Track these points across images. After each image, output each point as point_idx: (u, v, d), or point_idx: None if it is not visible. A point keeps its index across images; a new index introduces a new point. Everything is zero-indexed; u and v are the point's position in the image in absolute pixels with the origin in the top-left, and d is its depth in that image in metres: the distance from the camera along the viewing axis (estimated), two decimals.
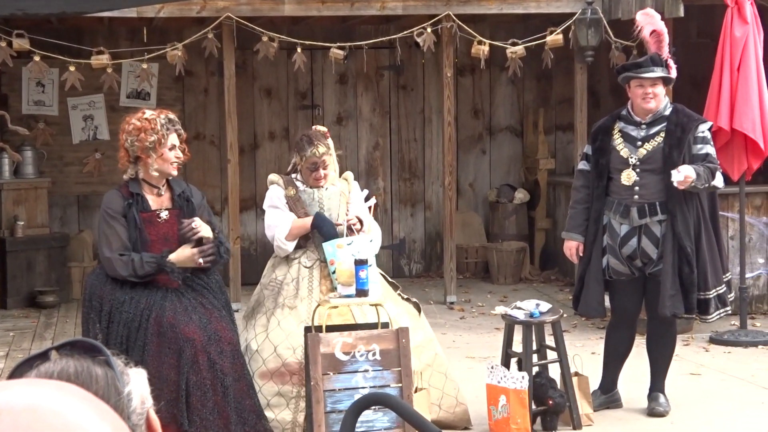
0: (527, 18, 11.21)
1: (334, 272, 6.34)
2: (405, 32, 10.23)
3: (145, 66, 10.03)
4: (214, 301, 5.89)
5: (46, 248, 10.82)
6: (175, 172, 5.89)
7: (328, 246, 6.36)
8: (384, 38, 10.75)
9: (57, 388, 1.11)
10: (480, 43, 10.15)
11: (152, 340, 5.63)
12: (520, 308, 6.73)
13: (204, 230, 5.81)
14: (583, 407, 6.70)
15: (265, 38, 9.84)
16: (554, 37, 10.17)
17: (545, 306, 6.77)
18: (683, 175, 6.44)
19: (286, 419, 6.26)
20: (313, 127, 6.81)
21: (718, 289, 6.77)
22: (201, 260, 5.71)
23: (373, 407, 5.42)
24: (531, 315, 6.65)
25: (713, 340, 8.91)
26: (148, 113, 5.88)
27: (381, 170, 12.23)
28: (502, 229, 12.10)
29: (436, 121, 12.06)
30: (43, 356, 1.24)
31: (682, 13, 9.22)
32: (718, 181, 6.69)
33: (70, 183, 11.59)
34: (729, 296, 6.91)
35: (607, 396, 7.06)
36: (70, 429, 1.07)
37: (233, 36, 9.94)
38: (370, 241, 6.38)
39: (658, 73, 6.74)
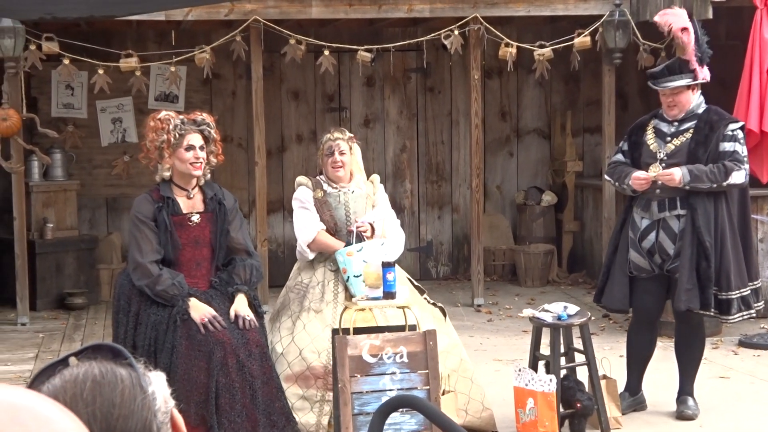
0: (555, 20, 11.19)
1: (347, 279, 6.35)
2: (432, 34, 10.23)
3: (173, 69, 10.07)
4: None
5: (75, 250, 10.87)
6: (197, 173, 5.85)
7: (339, 255, 6.38)
8: (411, 41, 10.75)
9: (28, 391, 1.12)
10: (507, 45, 10.13)
11: (181, 343, 5.64)
12: (547, 311, 6.72)
13: (241, 307, 5.79)
14: (611, 410, 6.68)
15: (292, 41, 9.86)
16: (582, 39, 10.14)
17: (573, 308, 6.75)
18: (669, 174, 6.56)
19: (310, 422, 6.27)
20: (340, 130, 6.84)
21: (742, 290, 6.71)
22: (208, 325, 5.68)
23: (401, 409, 5.42)
24: (559, 318, 6.63)
25: (742, 343, 8.86)
26: (163, 113, 5.90)
27: (408, 173, 12.23)
28: (529, 232, 12.07)
29: (464, 124, 12.05)
30: (64, 362, 1.25)
31: (710, 15, 9.18)
32: (736, 179, 6.63)
33: (99, 185, 11.64)
34: (757, 303, 6.85)
35: (634, 398, 7.04)
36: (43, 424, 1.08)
37: (261, 39, 9.96)
38: (381, 244, 6.36)
39: (677, 82, 6.74)
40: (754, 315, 6.95)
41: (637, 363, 7.02)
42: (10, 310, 10.33)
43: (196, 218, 5.86)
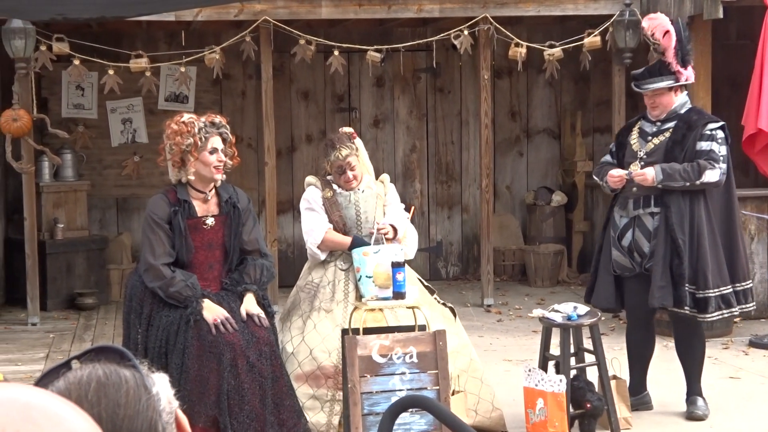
0: (565, 20, 11.18)
1: (359, 279, 6.35)
2: (442, 35, 10.23)
3: (183, 69, 10.08)
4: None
5: (86, 250, 10.89)
6: (218, 176, 5.83)
7: (355, 254, 6.39)
8: (421, 41, 10.75)
9: (41, 390, 1.13)
10: (517, 45, 10.12)
11: (192, 344, 5.64)
12: (557, 311, 6.71)
13: (250, 305, 5.80)
14: (621, 411, 6.67)
15: (302, 41, 9.86)
16: (592, 39, 10.13)
17: (583, 309, 6.74)
18: (642, 173, 6.66)
19: (320, 422, 6.27)
20: (340, 129, 6.82)
21: (722, 289, 6.71)
22: (221, 326, 5.68)
23: (411, 410, 5.42)
24: (569, 318, 6.63)
25: (753, 344, 8.84)
26: (186, 116, 5.86)
27: (418, 173, 12.23)
28: (539, 232, 12.06)
29: (473, 124, 12.04)
30: (67, 365, 1.26)
31: (721, 15, 9.16)
32: (709, 177, 6.65)
33: (109, 186, 11.66)
34: (747, 304, 6.84)
35: (636, 398, 7.03)
36: (54, 421, 1.09)
37: (270, 39, 9.97)
38: (400, 249, 6.34)
39: (656, 84, 6.83)
40: (737, 314, 6.90)
41: (637, 362, 7.05)
42: (20, 310, 10.36)
43: (210, 221, 5.85)
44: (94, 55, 9.85)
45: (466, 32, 10.05)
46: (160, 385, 1.26)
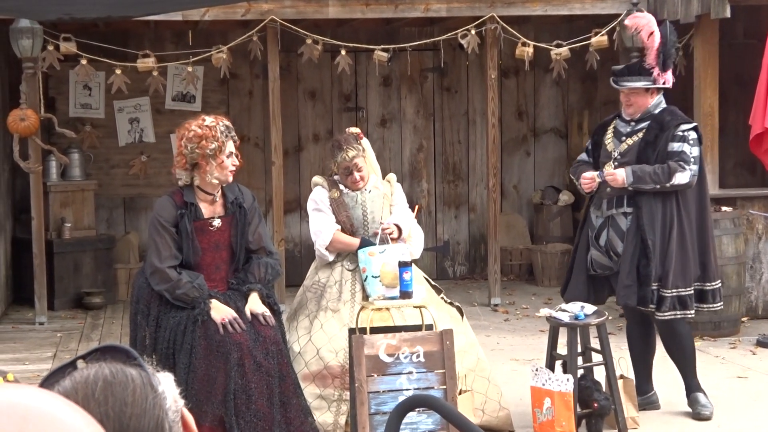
0: (572, 19, 11.17)
1: (365, 279, 6.35)
2: (449, 34, 10.23)
3: (190, 69, 10.09)
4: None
5: (93, 250, 10.90)
6: (231, 179, 5.86)
7: (361, 254, 6.39)
8: (428, 40, 10.74)
9: (41, 391, 1.13)
10: (524, 44, 10.12)
11: (200, 343, 5.64)
12: (564, 310, 6.71)
13: (255, 305, 5.80)
14: (629, 410, 6.67)
15: (309, 41, 9.87)
16: (599, 39, 10.13)
17: (590, 308, 6.74)
18: (612, 174, 6.72)
19: (327, 422, 6.27)
20: (347, 130, 6.81)
21: (680, 290, 6.70)
22: (229, 326, 5.68)
23: (418, 409, 5.42)
24: (576, 317, 6.62)
25: (760, 343, 8.83)
26: (208, 120, 5.82)
27: (425, 172, 12.23)
28: (546, 231, 12.06)
29: (480, 123, 12.04)
30: (73, 365, 1.26)
31: (728, 14, 9.15)
32: (680, 179, 6.67)
33: (117, 185, 11.68)
34: (715, 303, 6.83)
35: (643, 397, 7.01)
36: (58, 425, 1.09)
37: (277, 39, 9.97)
38: (406, 249, 6.33)
39: (633, 83, 6.86)
40: (691, 315, 6.81)
41: (639, 362, 7.05)
42: (28, 309, 10.37)
43: (217, 223, 5.84)
44: (101, 55, 9.86)
45: (473, 32, 10.04)
46: (166, 384, 1.26)
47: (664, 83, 6.87)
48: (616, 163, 6.85)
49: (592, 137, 7.21)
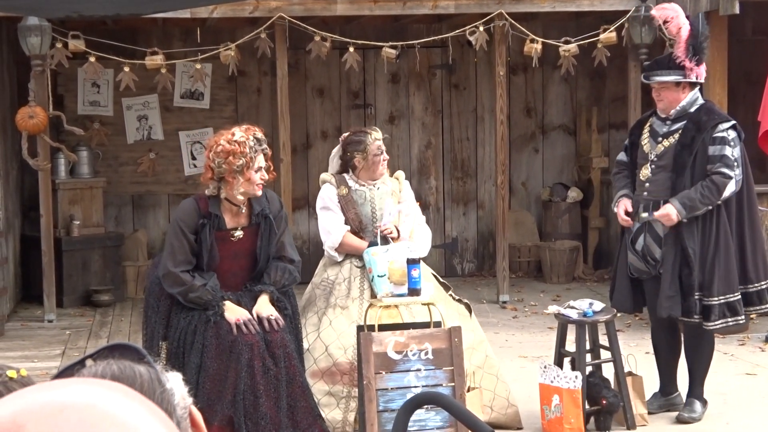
0: (580, 16, 11.15)
1: (372, 279, 6.36)
2: (457, 31, 10.21)
3: (198, 66, 10.10)
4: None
5: (102, 247, 10.92)
6: (259, 193, 5.74)
7: (365, 254, 6.40)
8: (436, 37, 10.73)
9: (109, 388, 1.13)
10: (533, 41, 10.10)
11: (211, 343, 5.63)
12: (573, 307, 6.70)
13: (262, 307, 5.77)
14: (637, 407, 6.66)
15: (317, 38, 9.86)
16: (607, 35, 10.11)
17: (599, 305, 6.73)
18: (665, 216, 6.46)
19: (336, 419, 6.27)
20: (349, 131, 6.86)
21: (728, 296, 6.51)
22: (243, 326, 5.66)
23: (426, 406, 5.42)
24: (584, 314, 6.62)
25: None
26: (238, 135, 5.67)
27: (433, 169, 12.22)
28: (555, 228, 12.05)
29: (489, 120, 12.03)
30: (81, 363, 1.26)
31: (737, 10, 9.13)
32: (729, 190, 6.47)
33: (125, 183, 11.69)
34: (763, 305, 6.63)
35: (667, 399, 6.95)
36: (126, 424, 1.09)
37: (286, 36, 9.97)
38: (407, 248, 6.33)
39: (662, 77, 6.64)
40: (742, 322, 6.67)
41: (664, 364, 6.94)
42: (37, 306, 10.39)
43: (239, 234, 5.78)
44: (109, 52, 9.86)
45: (481, 28, 10.03)
46: (174, 381, 1.27)
47: (696, 77, 6.64)
48: (653, 166, 6.64)
49: (630, 136, 7.00)
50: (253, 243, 5.79)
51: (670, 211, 6.49)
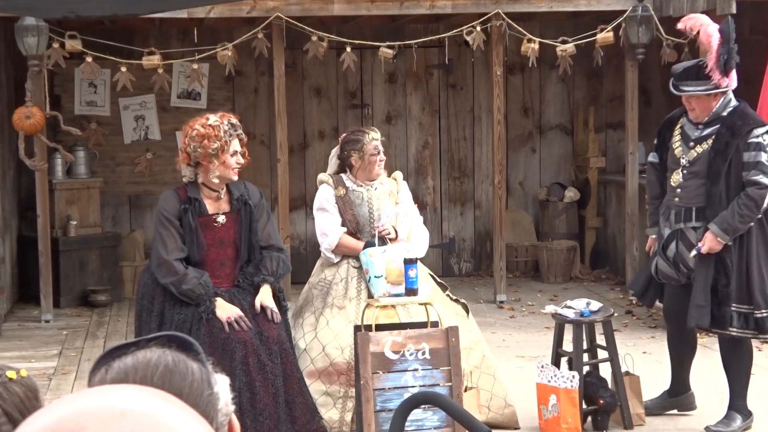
0: (577, 16, 11.16)
1: (369, 280, 6.36)
2: (454, 31, 10.21)
3: (195, 66, 10.09)
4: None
5: (99, 247, 10.91)
6: (235, 177, 5.87)
7: (362, 255, 6.40)
8: (433, 37, 10.73)
9: (164, 398, 1.15)
10: (530, 41, 10.11)
11: (204, 341, 5.65)
12: (570, 307, 6.70)
13: (266, 298, 5.79)
14: (634, 407, 6.66)
15: (314, 38, 9.86)
16: (605, 35, 10.11)
17: (596, 305, 6.73)
18: (706, 247, 6.27)
19: (333, 418, 6.27)
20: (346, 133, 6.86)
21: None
22: (235, 324, 5.69)
23: (423, 406, 5.42)
24: (581, 314, 6.62)
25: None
26: (212, 119, 5.83)
27: (430, 169, 12.22)
28: (552, 228, 12.05)
29: (486, 120, 12.03)
30: (137, 344, 1.28)
31: (734, 10, 9.13)
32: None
33: (122, 183, 11.68)
34: None
35: (678, 398, 6.88)
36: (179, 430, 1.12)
37: (283, 36, 9.97)
38: (405, 250, 6.33)
39: (692, 89, 6.36)
40: None
41: (676, 365, 6.85)
42: (33, 307, 10.38)
43: (221, 219, 5.87)
44: (106, 52, 9.86)
45: (478, 28, 10.04)
46: (221, 385, 1.28)
47: (727, 86, 6.39)
48: (684, 172, 6.43)
49: (659, 135, 6.73)
50: (237, 230, 5.86)
51: (711, 241, 6.26)
